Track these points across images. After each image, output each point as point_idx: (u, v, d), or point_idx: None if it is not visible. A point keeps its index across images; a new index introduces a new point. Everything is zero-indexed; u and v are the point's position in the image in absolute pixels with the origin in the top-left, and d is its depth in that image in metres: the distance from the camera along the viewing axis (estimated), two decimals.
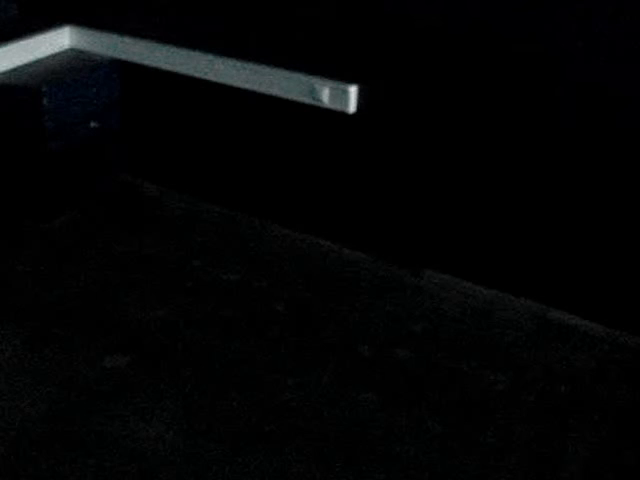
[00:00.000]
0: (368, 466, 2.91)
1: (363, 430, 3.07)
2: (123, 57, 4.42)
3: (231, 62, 4.10)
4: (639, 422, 3.16)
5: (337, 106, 3.88)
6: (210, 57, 4.16)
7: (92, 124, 4.36)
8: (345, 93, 3.84)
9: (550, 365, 3.42)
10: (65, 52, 4.51)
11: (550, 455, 3.00)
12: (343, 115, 3.89)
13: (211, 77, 4.19)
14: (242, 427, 3.06)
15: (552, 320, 3.67)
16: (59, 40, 4.49)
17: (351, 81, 3.84)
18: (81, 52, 4.51)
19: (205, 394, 3.21)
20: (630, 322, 3.56)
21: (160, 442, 2.97)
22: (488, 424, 3.12)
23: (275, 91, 4.02)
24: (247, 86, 4.10)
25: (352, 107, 3.86)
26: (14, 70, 4.24)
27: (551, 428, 3.12)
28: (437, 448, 3.00)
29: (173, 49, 4.26)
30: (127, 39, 4.37)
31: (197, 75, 4.23)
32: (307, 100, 3.94)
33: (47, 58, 4.40)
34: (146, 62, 4.36)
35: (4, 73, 4.19)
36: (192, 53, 4.21)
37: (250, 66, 4.05)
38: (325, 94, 3.86)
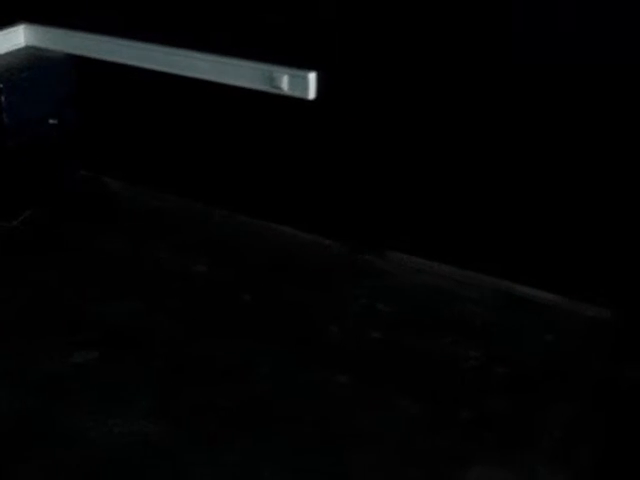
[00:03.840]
0: (343, 447, 2.91)
1: (337, 412, 3.07)
2: (79, 53, 4.38)
3: (189, 54, 4.08)
4: (611, 391, 3.19)
5: (297, 93, 3.88)
6: (167, 49, 4.13)
7: (50, 121, 4.32)
8: (304, 80, 3.84)
9: (519, 339, 3.45)
10: (21, 49, 4.46)
11: (524, 428, 3.03)
12: (304, 102, 3.89)
13: (168, 69, 4.17)
14: (216, 417, 3.04)
15: (519, 295, 3.70)
16: (14, 38, 4.44)
17: (310, 68, 3.84)
18: (37, 49, 4.46)
19: (177, 386, 3.20)
20: (593, 292, 3.60)
21: (134, 436, 2.95)
22: (461, 400, 3.13)
23: (234, 81, 4.01)
24: (205, 77, 4.08)
25: (312, 94, 3.86)
26: None
27: (524, 401, 3.15)
28: (412, 426, 3.00)
29: (129, 43, 4.23)
30: (82, 34, 4.33)
31: (154, 68, 4.20)
32: (267, 88, 3.93)
33: (2, 56, 4.35)
34: (102, 57, 4.32)
35: None
36: (149, 46, 4.18)
37: (208, 57, 4.03)
38: (284, 82, 3.86)
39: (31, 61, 4.32)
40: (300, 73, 3.83)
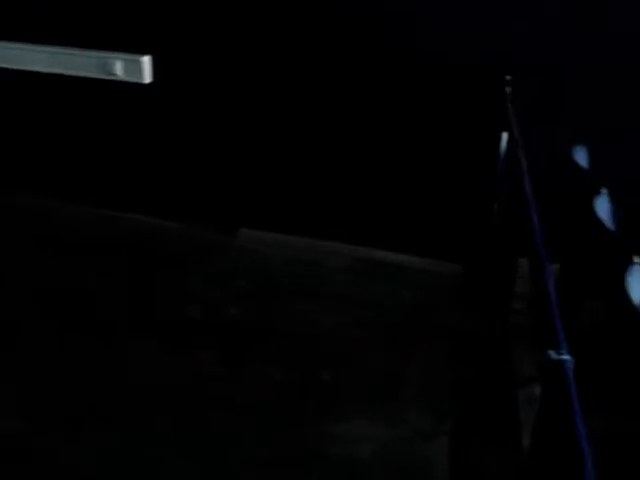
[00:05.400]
0: (216, 420, 2.89)
1: (204, 387, 3.05)
2: None
3: (22, 46, 3.97)
4: (468, 341, 3.29)
5: (132, 78, 3.83)
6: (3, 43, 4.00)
7: None
8: (138, 64, 3.79)
9: (380, 300, 3.52)
10: None
11: (388, 382, 3.09)
12: (140, 86, 3.85)
13: (3, 64, 4.04)
14: (80, 408, 2.97)
15: (375, 259, 3.77)
16: None
17: (144, 52, 3.80)
18: None
19: (38, 379, 3.10)
20: (444, 251, 3.72)
21: None
22: (326, 364, 3.17)
23: (70, 71, 3.92)
24: (39, 69, 3.98)
25: (147, 78, 3.82)
26: None
27: (388, 357, 3.21)
28: (276, 393, 3.01)
29: None
30: None
31: None
32: (103, 76, 3.87)
33: None
34: None
35: None
36: None
37: (40, 49, 3.93)
38: (119, 67, 3.81)
39: None
40: (134, 58, 3.79)
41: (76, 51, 3.88)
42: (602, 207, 2.78)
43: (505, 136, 3.42)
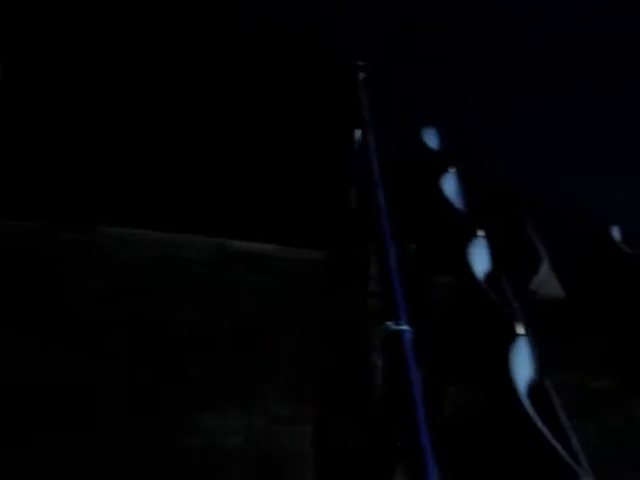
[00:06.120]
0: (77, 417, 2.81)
1: (61, 389, 2.96)
2: None
3: None
4: (329, 327, 3.31)
5: None
6: None
7: None
8: None
9: (240, 290, 3.50)
10: None
11: (250, 373, 3.08)
12: None
13: None
14: None
15: (235, 250, 3.75)
16: None
17: None
18: None
19: None
20: (306, 239, 3.74)
21: None
22: (191, 359, 3.13)
23: None
24: None
25: None
26: None
27: (249, 348, 3.20)
28: (130, 389, 2.95)
29: None
30: None
31: None
32: None
33: None
34: None
35: None
36: None
37: None
38: None
39: None
40: None
41: None
42: (449, 185, 2.84)
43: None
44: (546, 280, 3.12)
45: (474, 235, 2.42)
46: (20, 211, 3.92)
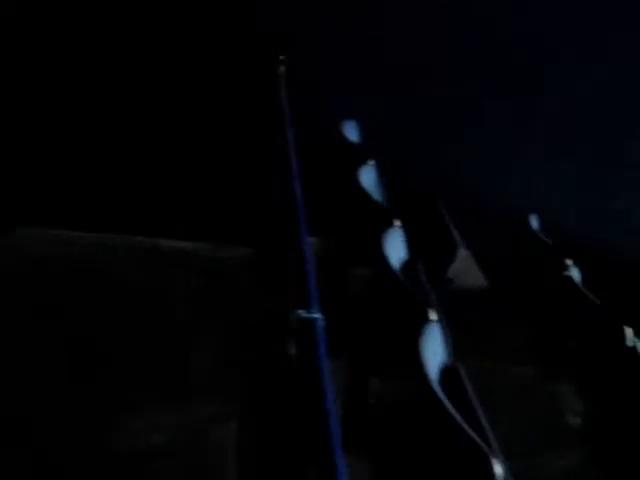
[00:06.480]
0: None
1: None
2: None
3: None
4: (257, 323, 3.30)
5: None
6: None
7: None
8: None
9: (167, 290, 3.46)
10: None
11: (177, 372, 3.05)
12: None
13: None
14: None
15: (162, 249, 3.71)
16: None
17: None
18: None
19: None
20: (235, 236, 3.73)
21: None
22: (116, 358, 3.08)
23: None
24: None
25: None
26: None
27: (177, 347, 3.17)
28: (69, 398, 2.90)
29: None
30: None
31: None
32: None
33: None
34: None
35: None
36: None
37: None
38: None
39: None
40: None
41: None
42: (368, 177, 2.86)
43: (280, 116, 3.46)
44: (465, 269, 3.15)
45: (391, 225, 2.44)
46: None
